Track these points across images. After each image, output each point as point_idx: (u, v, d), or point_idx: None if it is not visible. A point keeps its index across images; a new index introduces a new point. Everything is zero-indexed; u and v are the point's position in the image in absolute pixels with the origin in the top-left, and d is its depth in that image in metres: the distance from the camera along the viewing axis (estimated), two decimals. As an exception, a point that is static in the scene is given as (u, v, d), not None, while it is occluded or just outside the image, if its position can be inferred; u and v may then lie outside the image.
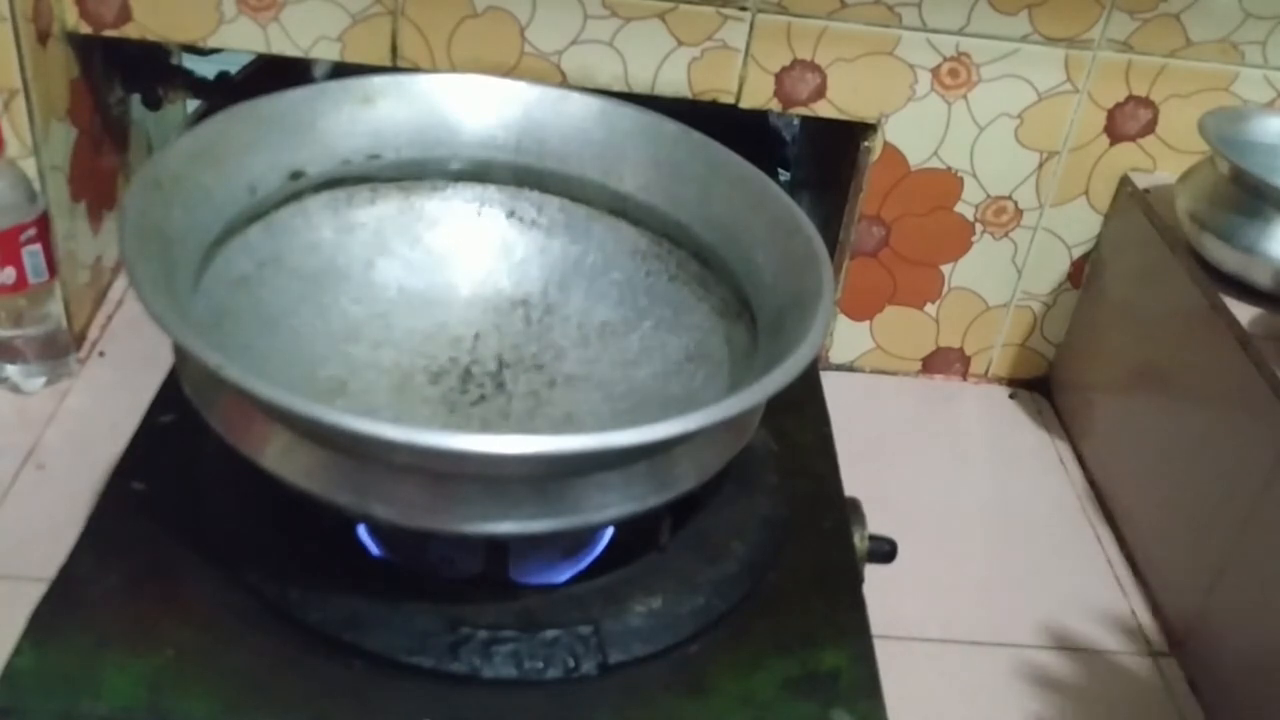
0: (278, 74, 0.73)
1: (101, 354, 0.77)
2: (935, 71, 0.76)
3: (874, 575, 0.58)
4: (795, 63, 0.76)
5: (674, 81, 0.76)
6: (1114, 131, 0.79)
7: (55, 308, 0.72)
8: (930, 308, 0.86)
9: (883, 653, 0.53)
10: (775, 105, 0.77)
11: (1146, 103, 0.78)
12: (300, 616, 0.50)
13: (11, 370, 0.72)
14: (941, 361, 0.89)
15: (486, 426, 0.56)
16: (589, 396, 0.59)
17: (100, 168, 0.81)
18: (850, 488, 0.62)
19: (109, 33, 0.73)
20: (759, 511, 0.58)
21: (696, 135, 0.62)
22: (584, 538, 0.56)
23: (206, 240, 0.55)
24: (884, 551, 0.59)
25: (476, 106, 0.63)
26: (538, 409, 0.58)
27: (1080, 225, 0.84)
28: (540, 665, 0.49)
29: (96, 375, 0.75)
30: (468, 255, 0.63)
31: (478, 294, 0.63)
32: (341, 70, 0.69)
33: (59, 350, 0.73)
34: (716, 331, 0.60)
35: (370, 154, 0.61)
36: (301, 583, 0.51)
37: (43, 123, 0.71)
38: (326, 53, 0.74)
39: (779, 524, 0.58)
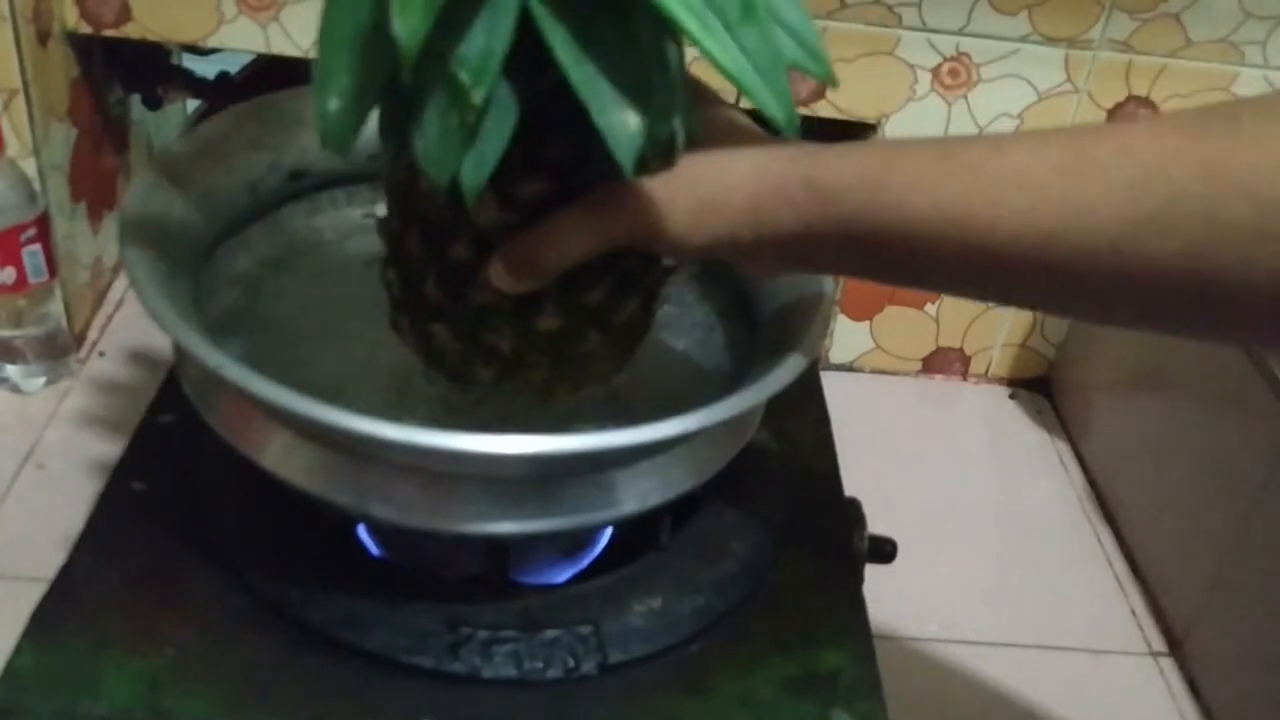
0: (278, 74, 0.73)
1: (101, 354, 0.77)
2: (935, 71, 0.76)
3: (874, 575, 0.58)
4: (795, 63, 0.75)
5: (674, 81, 0.76)
6: (1114, 131, 0.79)
7: (55, 308, 0.72)
8: (930, 307, 0.86)
9: (883, 653, 0.53)
10: (775, 105, 0.77)
11: (1147, 103, 0.78)
12: (300, 616, 0.50)
13: (11, 370, 0.72)
14: (941, 361, 0.89)
15: (485, 426, 0.56)
16: (588, 396, 0.59)
17: (100, 168, 0.81)
18: (850, 488, 0.62)
19: (109, 33, 0.73)
20: (759, 511, 0.58)
21: (696, 135, 0.62)
22: (584, 538, 0.56)
23: (207, 240, 0.55)
24: (884, 551, 0.59)
25: (476, 106, 0.63)
26: (537, 409, 0.58)
27: (1080, 225, 0.83)
28: (540, 665, 0.49)
29: (96, 375, 0.75)
30: (468, 255, 0.63)
31: (478, 294, 0.63)
32: (341, 70, 0.69)
33: (59, 350, 0.73)
34: (716, 331, 0.60)
35: (370, 153, 0.60)
36: (301, 583, 0.51)
37: (43, 123, 0.71)
38: (326, 53, 0.74)
39: (779, 524, 0.58)
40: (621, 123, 0.36)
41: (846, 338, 0.87)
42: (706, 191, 0.42)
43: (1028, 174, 0.38)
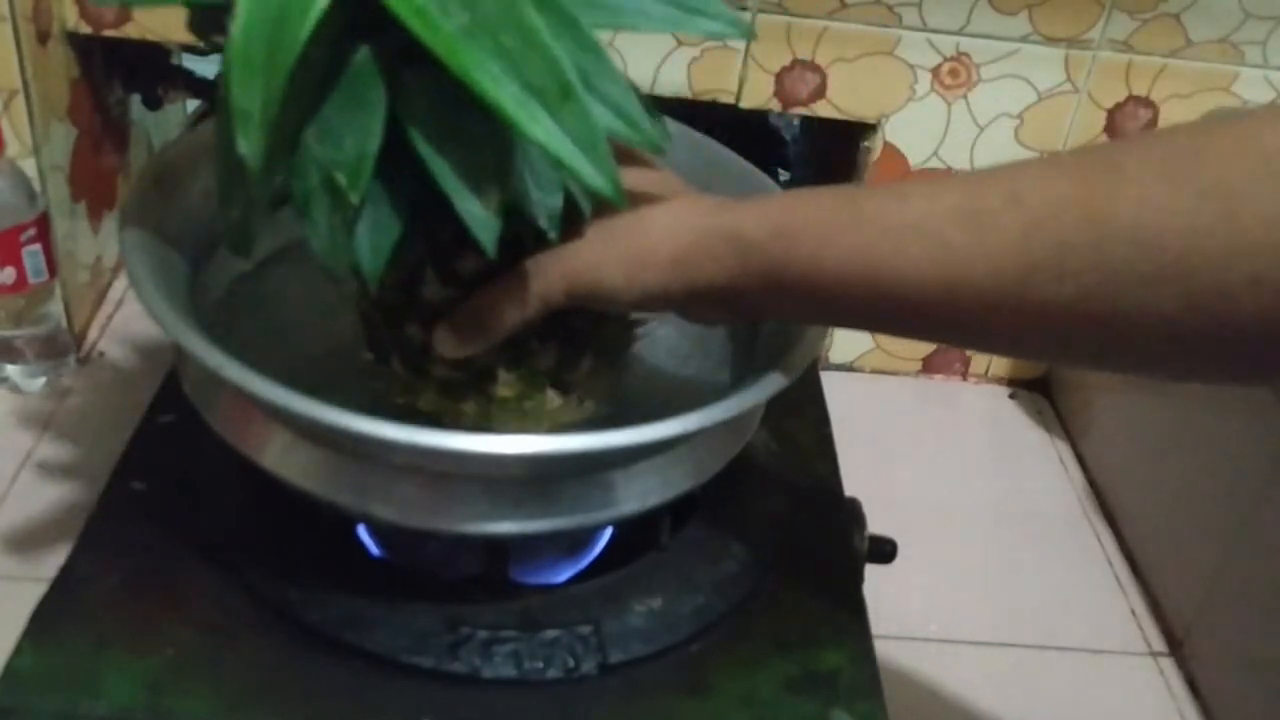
0: (278, 74, 0.73)
1: (101, 354, 0.77)
2: (935, 71, 0.76)
3: (874, 575, 0.58)
4: (795, 63, 0.76)
5: (674, 82, 0.76)
6: (1114, 131, 0.79)
7: (55, 308, 0.72)
8: (930, 308, 0.86)
9: (883, 653, 0.53)
10: (775, 105, 0.77)
11: (1146, 103, 0.78)
12: (300, 616, 0.50)
13: (11, 370, 0.72)
14: (941, 361, 0.89)
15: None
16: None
17: (100, 168, 0.81)
18: (850, 488, 0.62)
19: (109, 33, 0.73)
20: (759, 511, 0.58)
21: (696, 134, 0.62)
22: (584, 538, 0.56)
23: (207, 239, 0.55)
24: (884, 551, 0.59)
25: (476, 106, 0.63)
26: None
27: (1080, 225, 0.83)
28: (540, 665, 0.49)
29: (96, 375, 0.75)
30: (468, 255, 0.63)
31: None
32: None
33: (59, 350, 0.73)
34: (717, 330, 0.60)
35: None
36: (301, 583, 0.51)
37: (43, 123, 0.71)
38: (326, 53, 0.74)
39: (779, 524, 0.58)
40: (479, 209, 0.38)
41: (846, 338, 0.87)
42: (634, 249, 0.43)
43: (927, 222, 0.39)
